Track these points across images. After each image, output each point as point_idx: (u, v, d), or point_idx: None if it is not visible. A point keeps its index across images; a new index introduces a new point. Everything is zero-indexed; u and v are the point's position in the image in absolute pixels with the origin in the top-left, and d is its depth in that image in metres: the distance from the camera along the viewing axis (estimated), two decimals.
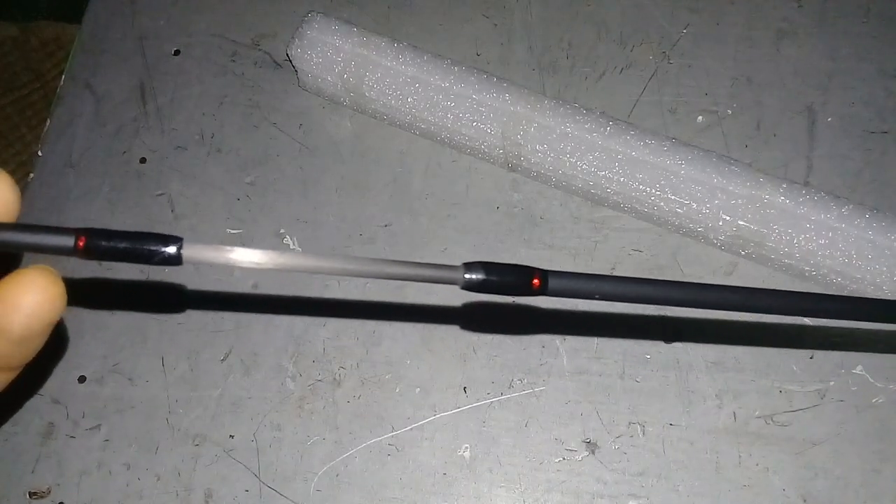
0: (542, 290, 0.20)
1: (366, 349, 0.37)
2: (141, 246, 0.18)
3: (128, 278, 0.39)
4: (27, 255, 0.21)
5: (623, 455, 0.34)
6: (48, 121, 0.43)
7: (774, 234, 0.35)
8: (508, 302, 0.37)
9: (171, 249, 0.18)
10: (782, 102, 0.40)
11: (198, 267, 0.39)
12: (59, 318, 0.20)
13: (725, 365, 0.35)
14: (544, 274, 0.20)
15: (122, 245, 0.18)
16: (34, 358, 0.20)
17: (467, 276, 0.19)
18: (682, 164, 0.36)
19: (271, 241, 0.39)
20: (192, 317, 0.38)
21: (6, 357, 0.20)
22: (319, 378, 0.37)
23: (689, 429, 0.35)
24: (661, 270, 0.37)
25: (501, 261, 0.20)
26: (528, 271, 0.20)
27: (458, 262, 0.19)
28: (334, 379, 0.36)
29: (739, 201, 0.35)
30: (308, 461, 0.35)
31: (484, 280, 0.19)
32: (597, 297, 0.20)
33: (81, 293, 0.39)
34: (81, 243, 0.18)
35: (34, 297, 0.19)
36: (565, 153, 0.37)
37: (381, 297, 0.38)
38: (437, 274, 0.19)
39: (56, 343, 0.38)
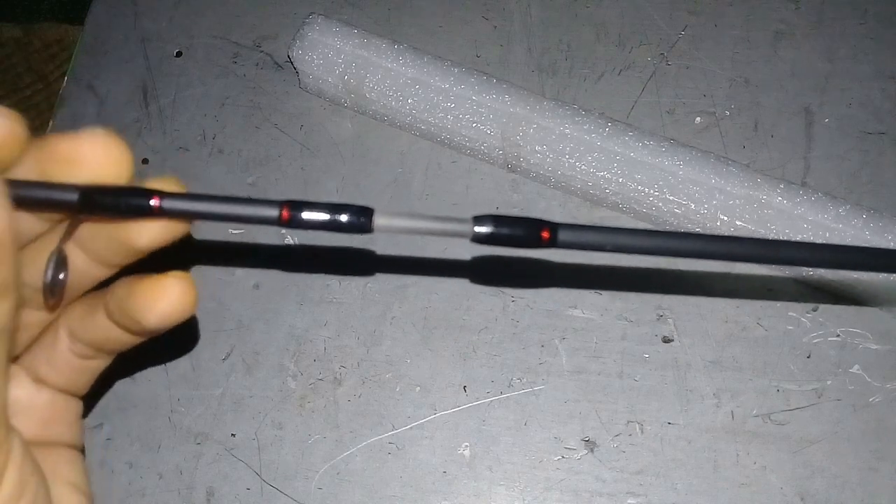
0: (552, 243, 0.20)
1: (366, 348, 0.37)
2: (337, 216, 0.20)
3: None
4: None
5: (622, 453, 0.35)
6: (51, 122, 0.43)
7: (772, 235, 0.35)
8: (509, 301, 0.37)
9: (364, 219, 0.20)
10: (780, 104, 0.40)
11: (199, 266, 0.39)
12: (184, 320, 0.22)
13: (723, 364, 0.36)
14: (554, 226, 0.20)
15: (321, 215, 0.20)
16: None
17: (477, 228, 0.20)
18: (680, 164, 0.36)
19: (273, 241, 0.40)
20: (193, 316, 0.38)
21: (116, 342, 0.23)
22: (320, 377, 0.37)
23: (687, 427, 0.35)
24: (660, 270, 0.37)
25: (501, 260, 0.20)
26: (538, 223, 0.20)
27: (458, 263, 0.19)
28: (335, 378, 0.37)
29: (737, 202, 0.36)
30: (309, 459, 0.35)
31: (493, 232, 0.20)
32: (608, 248, 0.20)
33: None
34: (286, 214, 0.20)
35: (173, 300, 0.21)
36: (564, 154, 0.37)
37: (381, 297, 0.38)
38: (447, 227, 0.20)
39: None
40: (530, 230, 0.20)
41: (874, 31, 0.42)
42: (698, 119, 0.41)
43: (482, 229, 0.20)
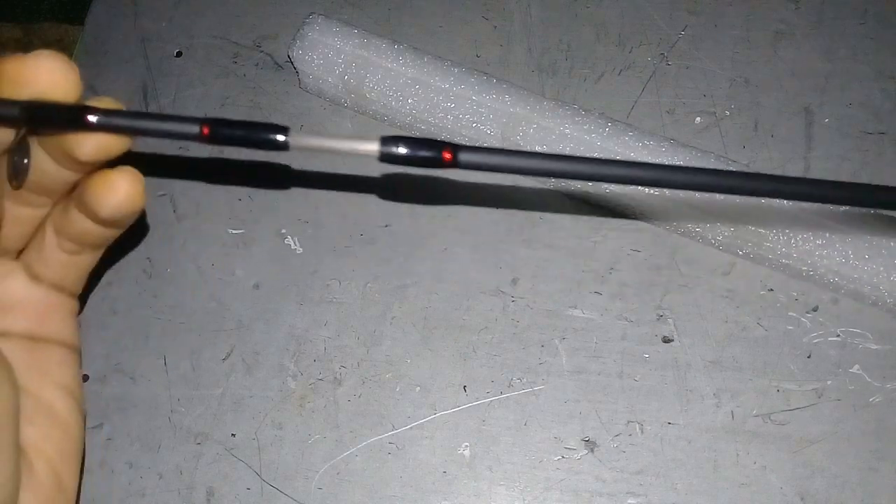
0: (454, 163, 0.21)
1: (366, 348, 0.37)
2: (254, 133, 0.21)
3: (130, 280, 0.40)
4: None
5: (622, 453, 0.35)
6: None
7: (772, 234, 0.35)
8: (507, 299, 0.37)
9: (280, 137, 0.21)
10: (780, 104, 0.40)
11: (199, 266, 0.39)
12: (139, 212, 0.25)
13: (723, 364, 0.36)
14: (455, 147, 0.21)
15: (239, 132, 0.21)
16: None
17: (383, 148, 0.21)
18: (680, 164, 0.36)
19: (273, 241, 0.40)
20: (194, 316, 0.39)
21: (91, 235, 0.25)
22: (320, 377, 0.37)
23: (687, 427, 0.35)
24: (660, 270, 0.37)
25: (499, 260, 0.21)
26: (441, 144, 0.21)
27: (458, 262, 0.20)
28: (335, 378, 0.37)
29: (737, 201, 0.36)
30: (309, 459, 0.35)
31: (398, 153, 0.21)
32: (506, 170, 0.21)
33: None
34: (206, 130, 0.21)
35: (120, 194, 0.24)
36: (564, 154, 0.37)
37: (381, 297, 0.38)
38: (357, 146, 0.21)
39: None
40: (433, 150, 0.21)
41: (874, 31, 0.42)
42: (698, 119, 0.41)
43: (389, 149, 0.21)
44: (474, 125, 0.38)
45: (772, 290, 0.37)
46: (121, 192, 0.24)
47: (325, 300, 0.38)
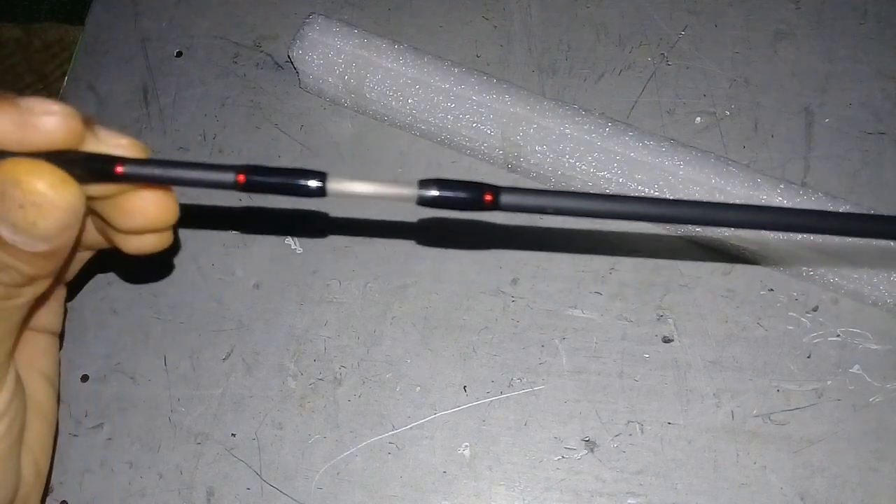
0: (495, 206, 0.20)
1: (366, 348, 0.37)
2: (291, 180, 0.20)
3: (132, 282, 0.40)
4: None
5: (622, 453, 0.35)
6: None
7: (772, 235, 0.35)
8: (502, 300, 0.37)
9: (317, 183, 0.20)
10: (780, 104, 0.40)
11: (199, 266, 0.39)
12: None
13: (723, 364, 0.36)
14: (496, 189, 0.20)
15: (275, 179, 0.20)
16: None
17: (422, 192, 0.20)
18: (680, 164, 0.36)
19: (273, 241, 0.40)
20: (194, 316, 0.39)
21: (99, 243, 0.26)
22: (320, 377, 0.37)
23: (687, 427, 0.35)
24: (660, 270, 0.37)
25: (499, 260, 0.21)
26: (481, 186, 0.20)
27: (458, 262, 0.20)
28: (335, 378, 0.37)
29: (737, 202, 0.36)
30: (309, 459, 0.35)
31: (437, 196, 0.20)
32: (549, 211, 0.20)
33: (82, 295, 0.39)
34: (241, 178, 0.20)
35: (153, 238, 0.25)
36: (564, 154, 0.37)
37: (381, 297, 0.38)
38: (396, 191, 0.20)
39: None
40: (474, 193, 0.20)
41: (874, 31, 0.42)
42: (698, 119, 0.41)
43: (428, 193, 0.20)
44: (474, 125, 0.38)
45: (772, 290, 0.37)
46: (150, 215, 0.23)
47: (325, 300, 0.38)
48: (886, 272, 0.34)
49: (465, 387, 0.36)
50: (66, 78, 0.45)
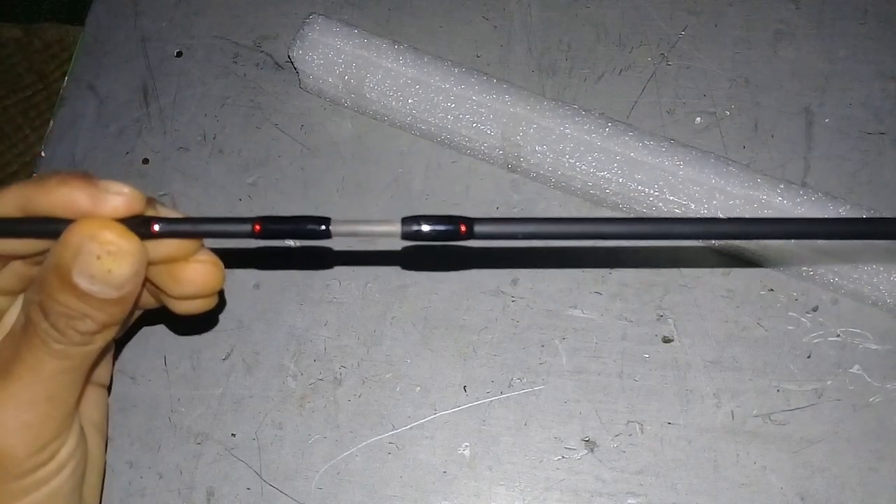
0: (470, 235, 0.23)
1: (366, 348, 0.37)
2: (301, 226, 0.23)
3: None
4: None
5: (622, 453, 0.35)
6: (51, 122, 0.43)
7: None
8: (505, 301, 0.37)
9: (322, 227, 0.23)
10: (780, 104, 0.40)
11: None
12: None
13: (723, 364, 0.36)
14: (470, 221, 0.23)
15: (287, 227, 0.23)
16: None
17: (405, 227, 0.23)
18: (680, 164, 0.36)
19: (273, 241, 0.40)
20: (194, 316, 0.38)
21: (149, 304, 0.29)
22: (320, 377, 0.37)
23: (687, 427, 0.35)
24: (660, 270, 0.37)
25: (499, 260, 0.22)
26: (456, 220, 0.23)
27: (458, 262, 0.20)
28: (335, 378, 0.37)
29: (737, 202, 0.36)
30: (309, 459, 0.35)
31: (418, 230, 0.23)
32: (520, 237, 0.23)
33: None
34: (258, 228, 0.23)
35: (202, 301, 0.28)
36: (564, 154, 0.37)
37: (381, 297, 0.38)
38: (381, 229, 0.23)
39: None
40: (450, 226, 0.23)
41: (874, 31, 0.42)
42: (698, 119, 0.41)
43: (410, 228, 0.23)
44: (474, 125, 0.38)
45: (772, 290, 0.37)
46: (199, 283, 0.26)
47: (325, 300, 0.38)
48: (886, 272, 0.34)
49: (465, 387, 0.36)
50: (66, 78, 0.45)
